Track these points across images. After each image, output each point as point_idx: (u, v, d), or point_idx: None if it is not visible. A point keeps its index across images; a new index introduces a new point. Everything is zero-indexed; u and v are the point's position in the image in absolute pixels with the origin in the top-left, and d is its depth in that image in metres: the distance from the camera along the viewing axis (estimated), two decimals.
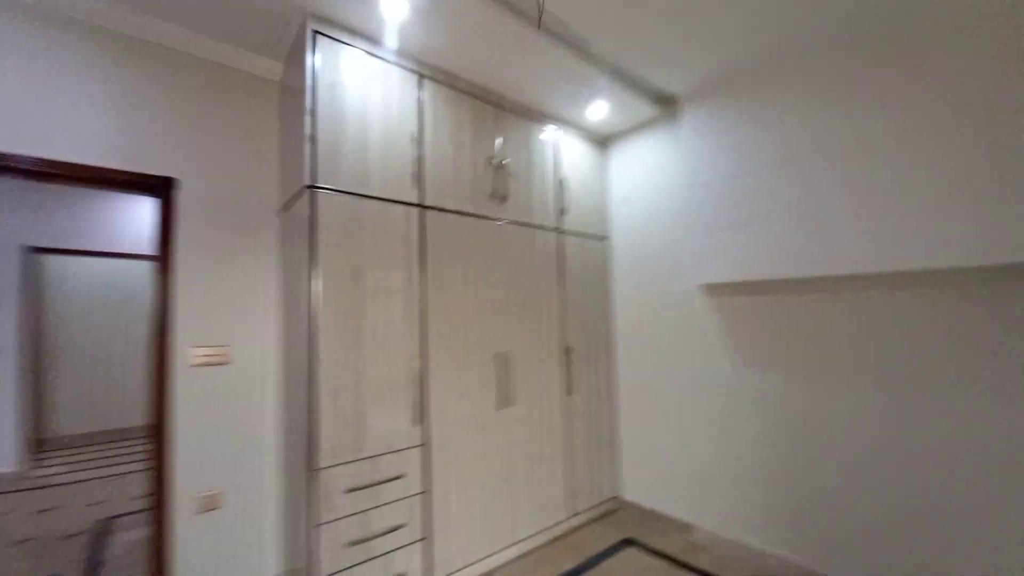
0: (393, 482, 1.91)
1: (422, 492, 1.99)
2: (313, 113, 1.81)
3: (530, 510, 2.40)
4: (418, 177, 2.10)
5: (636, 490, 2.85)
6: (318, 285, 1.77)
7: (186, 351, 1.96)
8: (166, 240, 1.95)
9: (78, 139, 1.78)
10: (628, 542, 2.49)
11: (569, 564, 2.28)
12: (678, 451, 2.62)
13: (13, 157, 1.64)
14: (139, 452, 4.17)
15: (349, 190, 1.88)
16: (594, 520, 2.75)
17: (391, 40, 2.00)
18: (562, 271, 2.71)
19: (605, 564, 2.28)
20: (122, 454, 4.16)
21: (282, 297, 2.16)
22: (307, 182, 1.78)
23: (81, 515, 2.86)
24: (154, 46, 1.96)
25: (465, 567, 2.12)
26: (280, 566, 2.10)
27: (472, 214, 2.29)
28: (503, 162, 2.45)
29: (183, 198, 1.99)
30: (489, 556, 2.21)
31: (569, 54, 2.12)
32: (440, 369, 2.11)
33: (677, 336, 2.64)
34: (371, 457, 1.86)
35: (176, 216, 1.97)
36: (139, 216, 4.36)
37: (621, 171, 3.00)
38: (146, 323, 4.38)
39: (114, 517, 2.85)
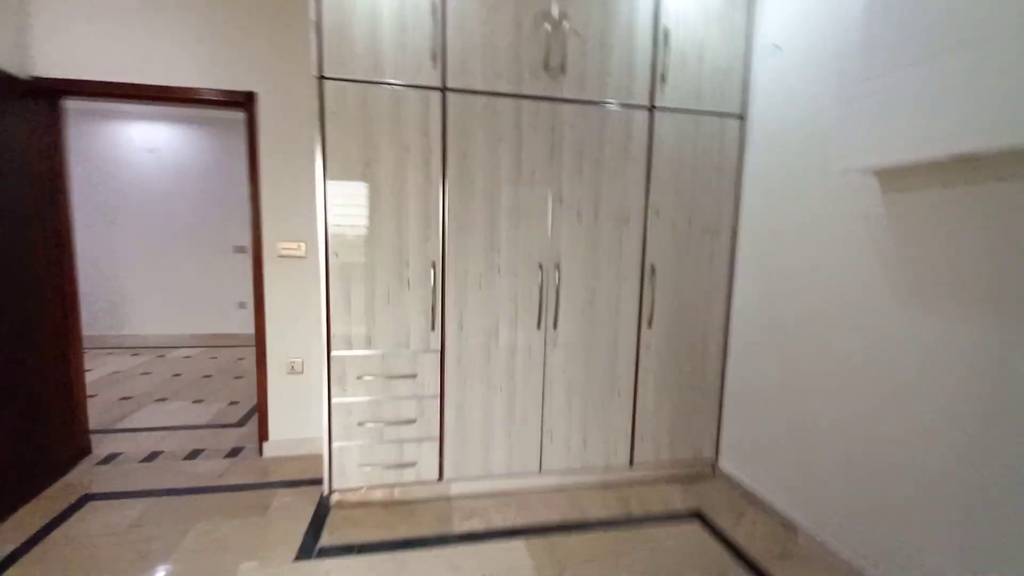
0: (405, 380, 1.93)
1: (435, 396, 1.96)
2: None
3: (571, 445, 2.12)
4: (440, 54, 1.82)
5: (736, 459, 2.18)
6: (327, 182, 1.79)
7: (274, 244, 2.33)
8: (252, 148, 2.27)
9: (179, 65, 2.17)
10: (696, 515, 1.97)
11: (602, 513, 1.96)
12: (804, 419, 1.83)
13: (132, 86, 2.13)
14: None
15: (358, 78, 1.78)
16: (668, 480, 2.26)
17: None
18: (652, 164, 2.06)
19: (650, 530, 1.86)
20: None
21: None
22: (315, 72, 1.75)
23: None
24: None
25: (478, 478, 2.06)
26: None
27: (510, 94, 1.90)
28: (563, 21, 1.90)
29: (262, 110, 2.26)
30: (507, 476, 2.08)
31: None
32: (463, 274, 1.94)
33: (825, 255, 1.72)
34: (384, 353, 1.90)
35: (258, 126, 2.26)
36: None
37: (776, 6, 1.97)
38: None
39: None
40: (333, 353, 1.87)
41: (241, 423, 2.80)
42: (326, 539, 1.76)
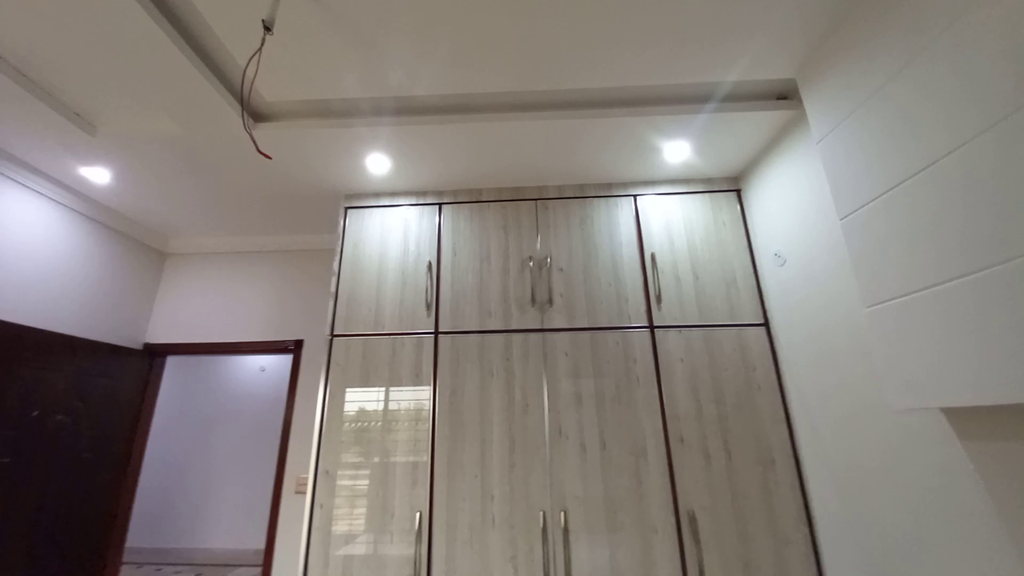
0: None
1: None
2: (338, 274, 2.09)
3: None
4: (434, 304, 2.01)
5: None
6: (324, 420, 1.86)
7: (294, 478, 2.37)
8: (293, 385, 2.55)
9: (250, 325, 2.68)
10: None
11: None
12: None
13: (215, 344, 2.63)
14: None
15: (360, 332, 1.99)
16: None
17: (407, 185, 2.16)
18: (663, 385, 1.84)
19: None
20: None
21: None
22: (327, 332, 2.01)
23: None
24: (288, 253, 2.82)
25: None
26: None
27: (500, 330, 1.96)
28: (547, 262, 2.05)
29: (305, 353, 2.60)
30: None
31: (627, 112, 1.72)
32: (454, 526, 1.71)
33: (925, 505, 1.22)
34: None
35: (300, 366, 2.58)
36: None
37: (762, 219, 1.94)
38: None
39: None
40: None
41: None
42: None
